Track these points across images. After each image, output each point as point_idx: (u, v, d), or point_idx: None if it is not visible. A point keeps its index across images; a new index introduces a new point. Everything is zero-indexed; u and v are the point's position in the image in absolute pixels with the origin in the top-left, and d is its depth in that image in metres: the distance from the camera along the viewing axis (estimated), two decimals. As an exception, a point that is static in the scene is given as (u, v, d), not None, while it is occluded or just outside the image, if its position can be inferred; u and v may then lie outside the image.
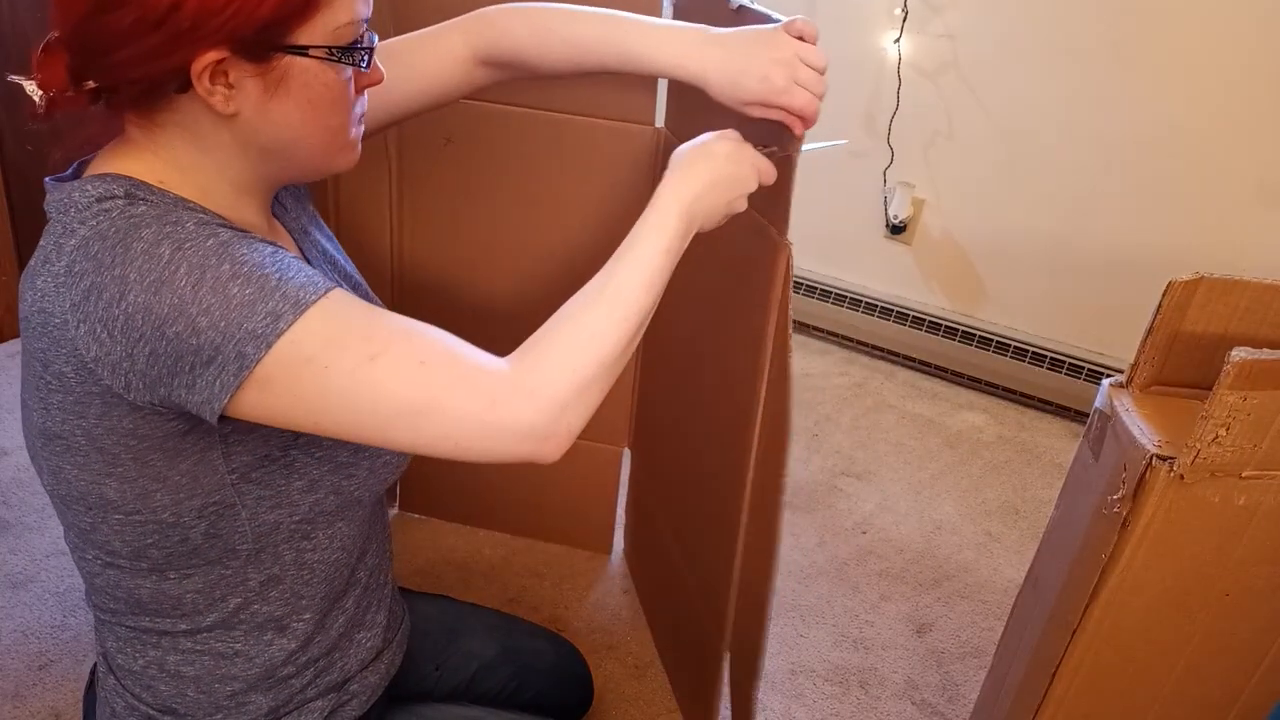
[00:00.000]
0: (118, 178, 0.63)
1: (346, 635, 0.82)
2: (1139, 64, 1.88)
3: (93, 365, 0.59)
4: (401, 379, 0.60)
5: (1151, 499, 0.72)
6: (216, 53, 0.59)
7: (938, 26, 2.06)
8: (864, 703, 1.39)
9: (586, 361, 0.64)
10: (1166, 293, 0.76)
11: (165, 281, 0.57)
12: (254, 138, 0.65)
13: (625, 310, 0.67)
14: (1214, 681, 0.86)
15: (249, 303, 0.58)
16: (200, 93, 0.61)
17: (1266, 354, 0.65)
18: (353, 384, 0.59)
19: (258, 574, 0.73)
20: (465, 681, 1.04)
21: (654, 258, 0.69)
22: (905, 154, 2.19)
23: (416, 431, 0.61)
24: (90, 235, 0.59)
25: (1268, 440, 0.69)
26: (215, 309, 0.57)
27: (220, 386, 0.58)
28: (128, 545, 0.68)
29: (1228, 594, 0.79)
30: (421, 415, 0.60)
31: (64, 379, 0.61)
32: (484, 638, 1.08)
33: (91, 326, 0.58)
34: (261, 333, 0.57)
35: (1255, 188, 1.85)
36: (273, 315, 0.58)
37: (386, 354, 0.60)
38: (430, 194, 1.34)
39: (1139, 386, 0.81)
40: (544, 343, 0.65)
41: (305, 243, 0.81)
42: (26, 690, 1.28)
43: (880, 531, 1.76)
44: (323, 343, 0.59)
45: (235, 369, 0.58)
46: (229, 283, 0.58)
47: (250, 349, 0.57)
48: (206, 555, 0.70)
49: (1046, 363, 2.14)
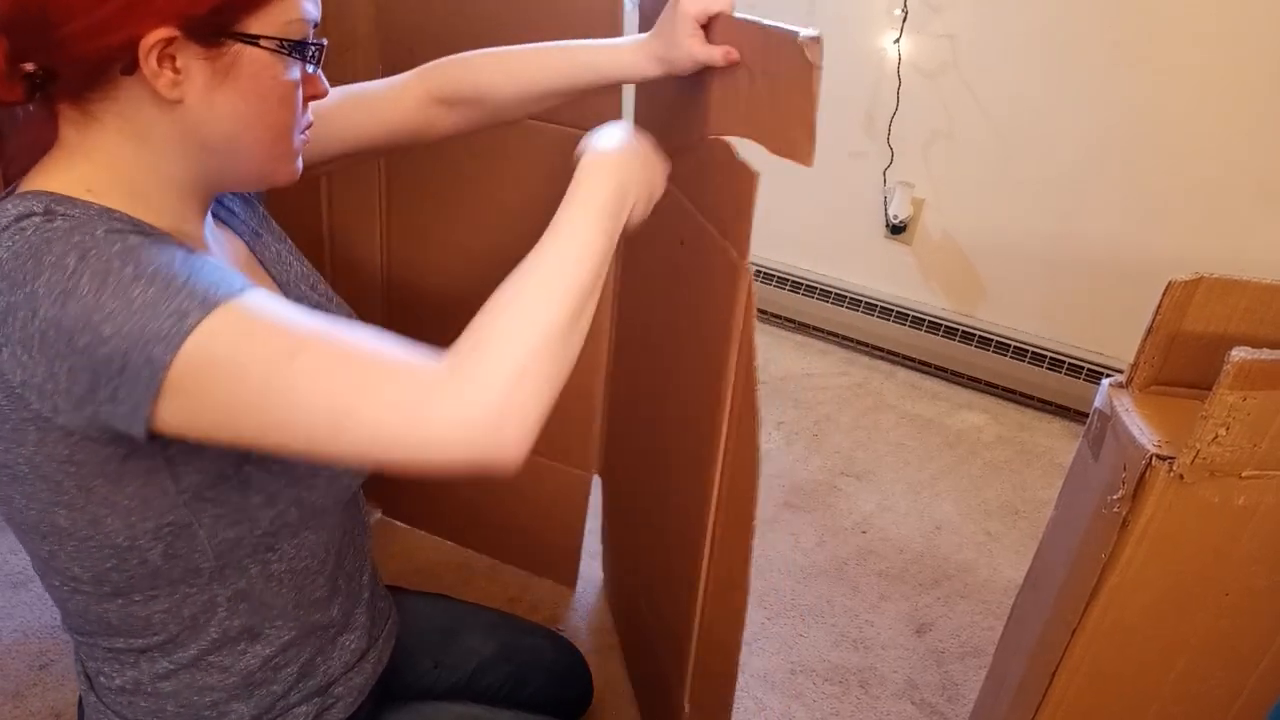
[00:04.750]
0: (39, 194, 0.60)
1: (327, 638, 0.81)
2: (1139, 64, 1.88)
3: (20, 390, 0.56)
4: (321, 378, 0.55)
5: (1151, 499, 0.72)
6: (167, 30, 0.58)
7: (937, 26, 2.06)
8: (864, 702, 1.39)
9: (524, 343, 0.58)
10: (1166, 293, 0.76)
11: (70, 292, 0.54)
12: (196, 130, 0.63)
13: (562, 284, 0.62)
14: (1214, 681, 0.86)
15: (152, 303, 0.54)
16: (146, 73, 0.59)
17: (1266, 354, 0.65)
18: (269, 385, 0.54)
19: (224, 589, 0.72)
20: (464, 678, 1.04)
21: (585, 227, 0.66)
22: (905, 154, 2.19)
23: (340, 437, 0.55)
24: (5, 256, 0.56)
25: (1267, 440, 0.69)
26: (119, 313, 0.53)
27: (138, 397, 0.54)
28: (88, 571, 0.66)
29: (1227, 593, 0.79)
30: (346, 417, 0.54)
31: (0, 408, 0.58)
32: (483, 635, 1.07)
33: (13, 349, 0.55)
34: (167, 333, 0.53)
35: (1255, 188, 1.85)
36: (178, 314, 0.54)
37: (304, 352, 0.55)
38: (415, 196, 1.34)
39: (1139, 386, 0.81)
40: (476, 331, 0.59)
41: (257, 245, 0.79)
42: (26, 690, 1.28)
43: (880, 531, 1.76)
44: (234, 342, 0.55)
45: (148, 375, 0.54)
46: (131, 285, 0.54)
47: (158, 351, 0.53)
48: (169, 576, 0.68)
49: (1046, 363, 2.14)
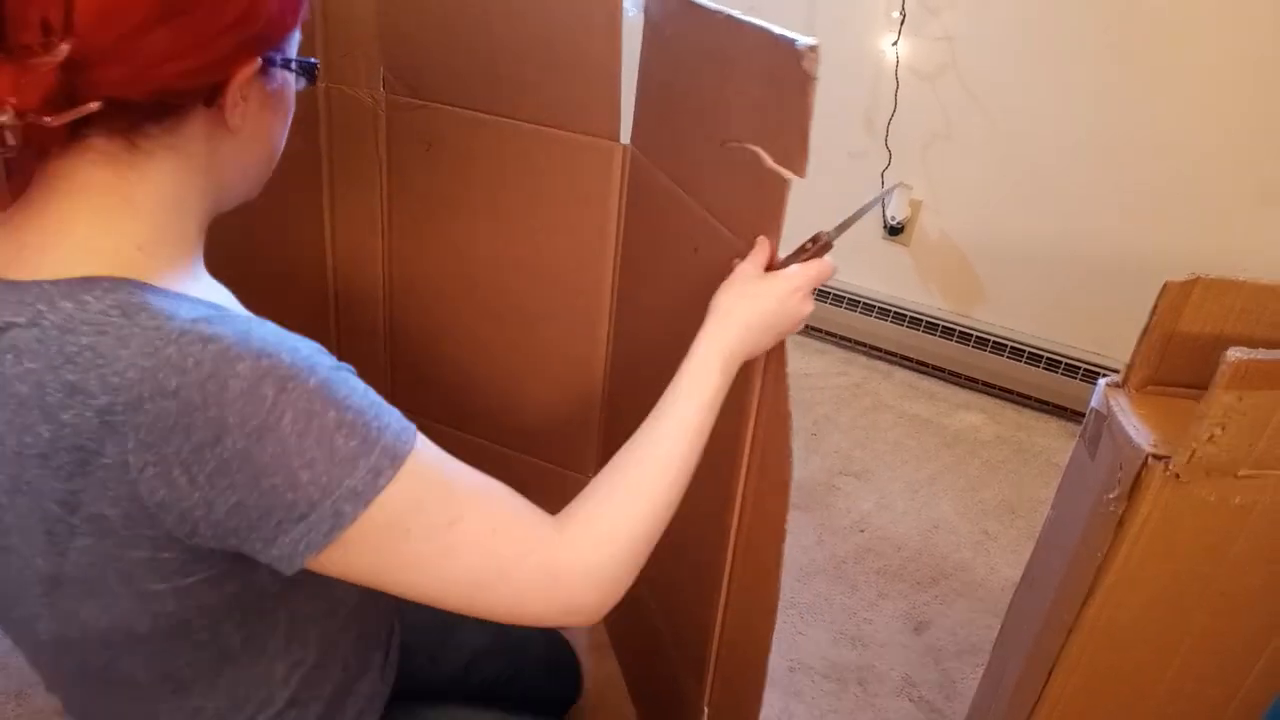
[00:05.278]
0: (119, 282, 0.52)
1: (348, 688, 0.78)
2: (1136, 65, 1.88)
3: (155, 510, 0.51)
4: (475, 549, 0.58)
5: (1147, 498, 0.73)
6: (256, 62, 0.56)
7: (935, 29, 2.07)
8: (862, 700, 1.40)
9: (639, 534, 0.64)
10: (1163, 293, 0.76)
11: (269, 429, 0.51)
12: (241, 156, 0.61)
13: (672, 475, 0.67)
14: (1210, 680, 0.87)
15: (353, 457, 0.53)
16: (227, 105, 0.56)
17: (1262, 354, 0.65)
18: (428, 550, 0.56)
19: (284, 663, 0.69)
20: (460, 671, 1.03)
21: (693, 416, 0.70)
22: (903, 155, 2.20)
23: (474, 599, 0.59)
24: (158, 365, 0.50)
25: (1263, 440, 0.70)
26: (319, 462, 0.52)
27: (307, 545, 0.53)
28: (154, 672, 0.62)
29: (1224, 593, 0.79)
30: (486, 588, 0.58)
31: (103, 522, 0.52)
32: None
33: (167, 469, 0.50)
34: (361, 490, 0.53)
35: (1253, 188, 1.86)
36: (374, 471, 0.53)
37: (463, 521, 0.57)
38: (416, 201, 1.33)
39: (1135, 386, 0.81)
40: (598, 515, 0.65)
41: None
42: (29, 689, 1.29)
43: (878, 530, 1.77)
44: (409, 505, 0.55)
45: (328, 528, 0.53)
46: (335, 433, 0.52)
47: (348, 508, 0.53)
48: (238, 660, 0.65)
49: (1043, 363, 2.15)
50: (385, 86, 1.24)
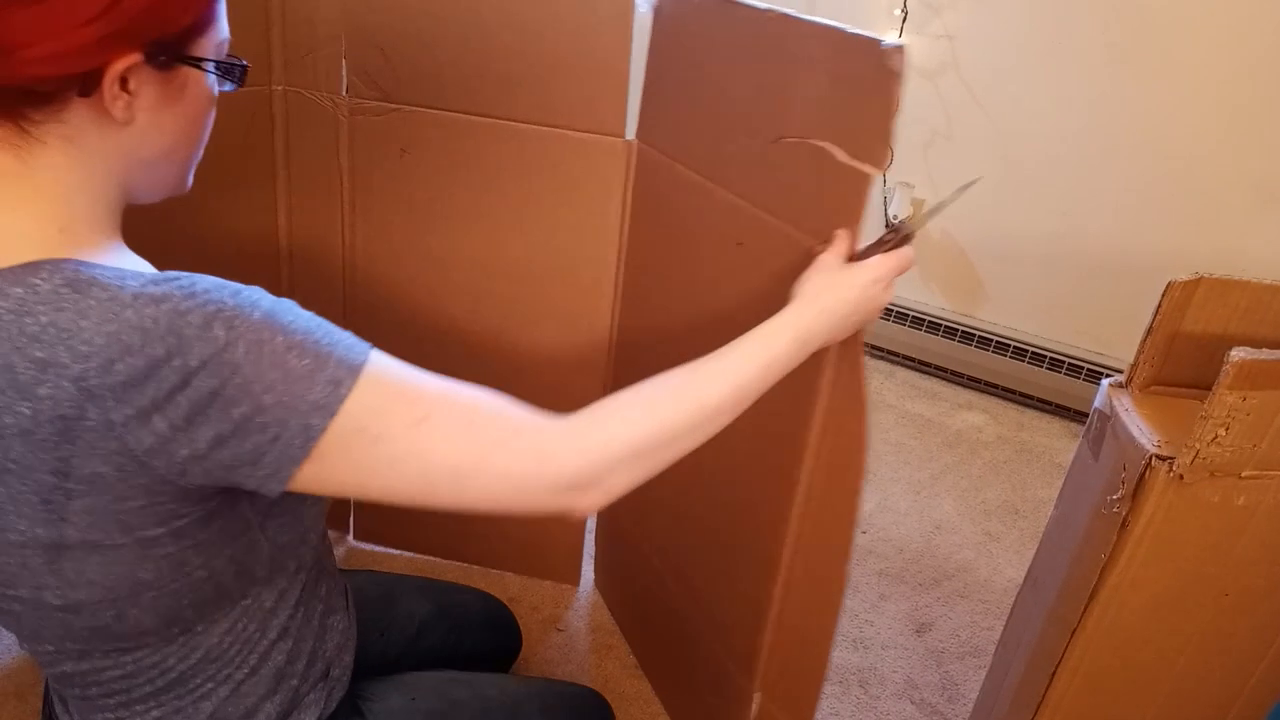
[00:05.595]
0: (63, 262, 0.56)
1: (321, 623, 0.82)
2: (1137, 64, 1.88)
3: (145, 457, 0.55)
4: (448, 442, 0.60)
5: (1151, 499, 0.72)
6: (134, 56, 0.57)
7: (936, 27, 2.06)
8: (864, 702, 1.39)
9: (646, 431, 0.65)
10: (1166, 293, 0.76)
11: (226, 363, 0.55)
12: (137, 148, 0.62)
13: (700, 402, 0.67)
14: (1213, 680, 0.87)
15: (309, 372, 0.56)
16: (105, 98, 0.57)
17: (1266, 354, 0.65)
18: (401, 450, 0.59)
19: (270, 594, 0.73)
20: (409, 640, 1.06)
21: (743, 368, 0.70)
22: (904, 154, 2.19)
23: (461, 491, 0.61)
24: (120, 329, 0.53)
25: (1267, 440, 0.70)
26: (278, 384, 0.55)
27: (284, 463, 0.57)
28: (160, 618, 0.65)
29: (1227, 593, 0.79)
30: (469, 477, 0.61)
31: (98, 480, 0.56)
32: (418, 598, 1.11)
33: (147, 418, 0.54)
34: (325, 402, 0.56)
35: (1254, 188, 1.85)
36: (333, 382, 0.57)
37: (431, 419, 0.60)
38: (384, 207, 1.30)
39: (1138, 386, 0.81)
40: (609, 405, 0.66)
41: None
42: (29, 690, 1.29)
43: (880, 531, 1.77)
44: (373, 410, 0.58)
45: (300, 443, 0.56)
46: (286, 354, 0.56)
47: (316, 420, 0.56)
48: (232, 595, 0.69)
49: (1046, 363, 2.15)
50: (350, 90, 1.21)
